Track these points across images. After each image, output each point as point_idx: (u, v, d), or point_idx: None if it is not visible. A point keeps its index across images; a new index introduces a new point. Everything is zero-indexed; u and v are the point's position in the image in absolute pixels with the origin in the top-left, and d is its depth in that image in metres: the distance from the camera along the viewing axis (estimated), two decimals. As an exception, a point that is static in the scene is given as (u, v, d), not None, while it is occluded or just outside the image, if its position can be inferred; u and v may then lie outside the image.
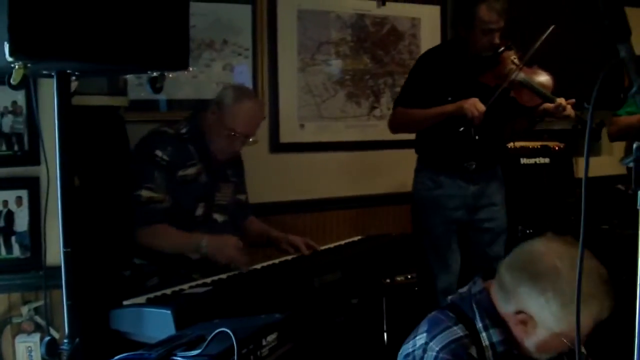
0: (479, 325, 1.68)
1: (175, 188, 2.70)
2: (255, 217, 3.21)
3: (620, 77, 4.02)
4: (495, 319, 1.69)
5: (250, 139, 2.82)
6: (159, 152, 2.68)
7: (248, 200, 3.15)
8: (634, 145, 1.07)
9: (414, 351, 1.68)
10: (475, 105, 3.12)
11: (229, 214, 2.93)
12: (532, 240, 1.73)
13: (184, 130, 2.79)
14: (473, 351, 1.64)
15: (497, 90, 3.17)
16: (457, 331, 1.66)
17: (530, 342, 1.66)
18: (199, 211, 2.78)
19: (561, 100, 3.15)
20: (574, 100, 3.17)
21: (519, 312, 1.66)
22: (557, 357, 1.73)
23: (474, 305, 1.72)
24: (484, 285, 1.76)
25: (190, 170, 2.76)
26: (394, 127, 3.49)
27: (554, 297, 1.60)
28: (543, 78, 3.29)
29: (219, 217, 2.88)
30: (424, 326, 1.72)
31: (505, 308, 1.69)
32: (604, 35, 0.99)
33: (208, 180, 2.82)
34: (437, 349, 1.63)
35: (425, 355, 1.64)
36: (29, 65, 1.61)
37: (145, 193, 2.64)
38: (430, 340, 1.66)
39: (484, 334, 1.67)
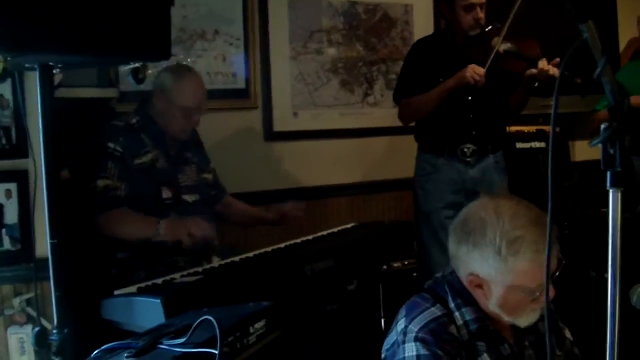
0: (452, 305, 1.70)
1: (134, 176, 2.71)
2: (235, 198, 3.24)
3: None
4: (466, 298, 1.71)
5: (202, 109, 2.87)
6: (111, 145, 2.69)
7: (218, 181, 3.14)
8: (601, 127, 1.07)
9: (397, 338, 1.69)
10: (474, 70, 3.17)
11: (199, 194, 2.94)
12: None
13: (133, 121, 2.80)
14: (453, 330, 1.66)
15: (490, 55, 3.18)
16: (435, 311, 1.68)
17: (493, 304, 1.67)
18: (166, 194, 2.79)
19: (543, 64, 3.14)
20: (557, 59, 3.13)
21: (469, 276, 1.68)
22: (532, 327, 1.74)
23: (446, 287, 1.74)
24: None
25: (146, 158, 2.76)
26: (404, 118, 3.55)
27: (486, 247, 1.62)
28: (526, 43, 3.28)
29: (189, 198, 2.88)
30: (402, 312, 1.73)
31: (462, 277, 1.72)
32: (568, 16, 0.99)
33: (168, 165, 2.83)
34: (416, 329, 1.64)
35: (406, 338, 1.64)
36: (8, 58, 1.62)
37: (101, 182, 2.65)
38: (409, 322, 1.67)
39: (457, 313, 1.69)
